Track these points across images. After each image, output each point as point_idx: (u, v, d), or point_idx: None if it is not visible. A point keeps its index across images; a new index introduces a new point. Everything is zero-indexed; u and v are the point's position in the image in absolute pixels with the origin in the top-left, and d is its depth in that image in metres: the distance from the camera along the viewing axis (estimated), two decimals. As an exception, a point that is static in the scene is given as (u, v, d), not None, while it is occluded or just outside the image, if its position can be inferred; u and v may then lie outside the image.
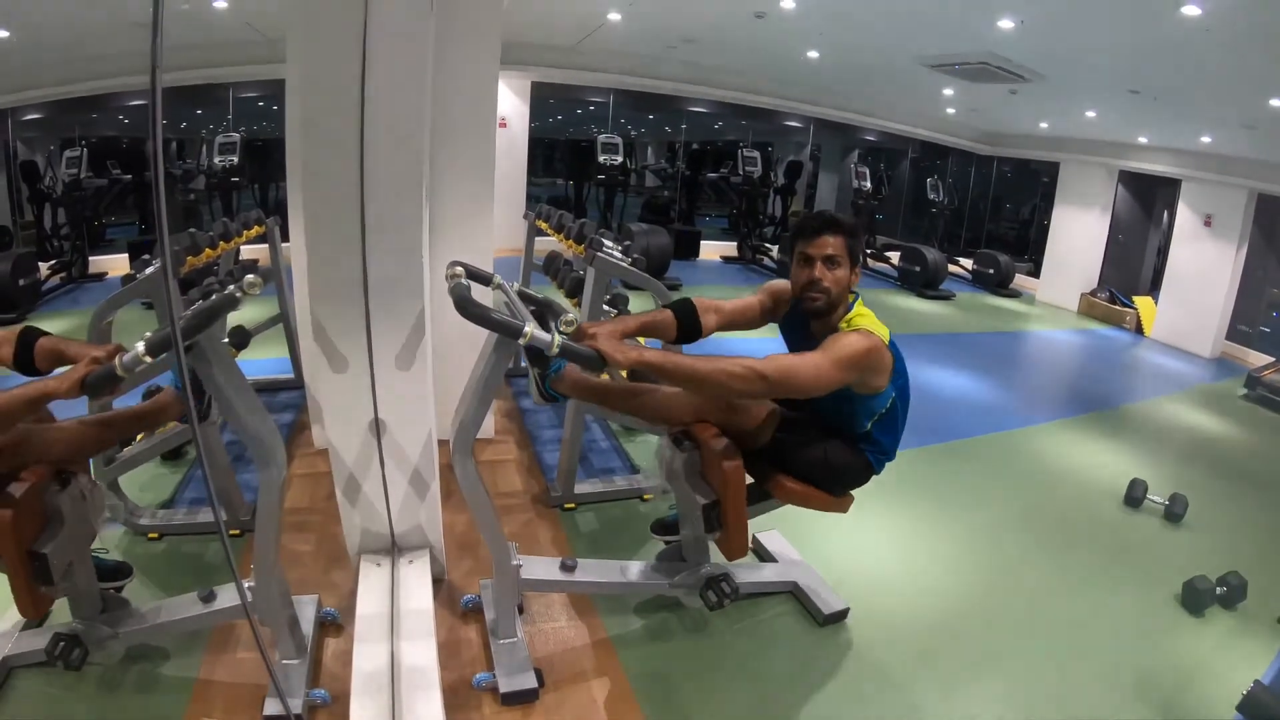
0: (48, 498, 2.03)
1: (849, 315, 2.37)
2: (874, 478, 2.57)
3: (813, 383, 2.15)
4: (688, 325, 2.44)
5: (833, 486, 2.55)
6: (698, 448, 2.46)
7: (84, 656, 2.20)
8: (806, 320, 2.47)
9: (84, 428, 2.20)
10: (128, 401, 3.79)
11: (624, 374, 3.62)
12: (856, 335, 2.23)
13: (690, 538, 2.69)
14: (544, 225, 5.04)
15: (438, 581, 2.88)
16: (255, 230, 4.50)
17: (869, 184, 12.05)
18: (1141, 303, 10.37)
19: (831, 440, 2.51)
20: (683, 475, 2.49)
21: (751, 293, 2.64)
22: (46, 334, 2.08)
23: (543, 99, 11.50)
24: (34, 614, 2.10)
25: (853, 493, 2.65)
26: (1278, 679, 2.72)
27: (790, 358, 2.19)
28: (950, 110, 11.39)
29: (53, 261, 8.08)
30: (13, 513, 1.91)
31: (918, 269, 10.99)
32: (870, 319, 2.34)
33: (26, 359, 2.04)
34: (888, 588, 3.30)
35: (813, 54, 8.72)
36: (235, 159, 9.04)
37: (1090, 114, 9.02)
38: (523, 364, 5.31)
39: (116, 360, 1.77)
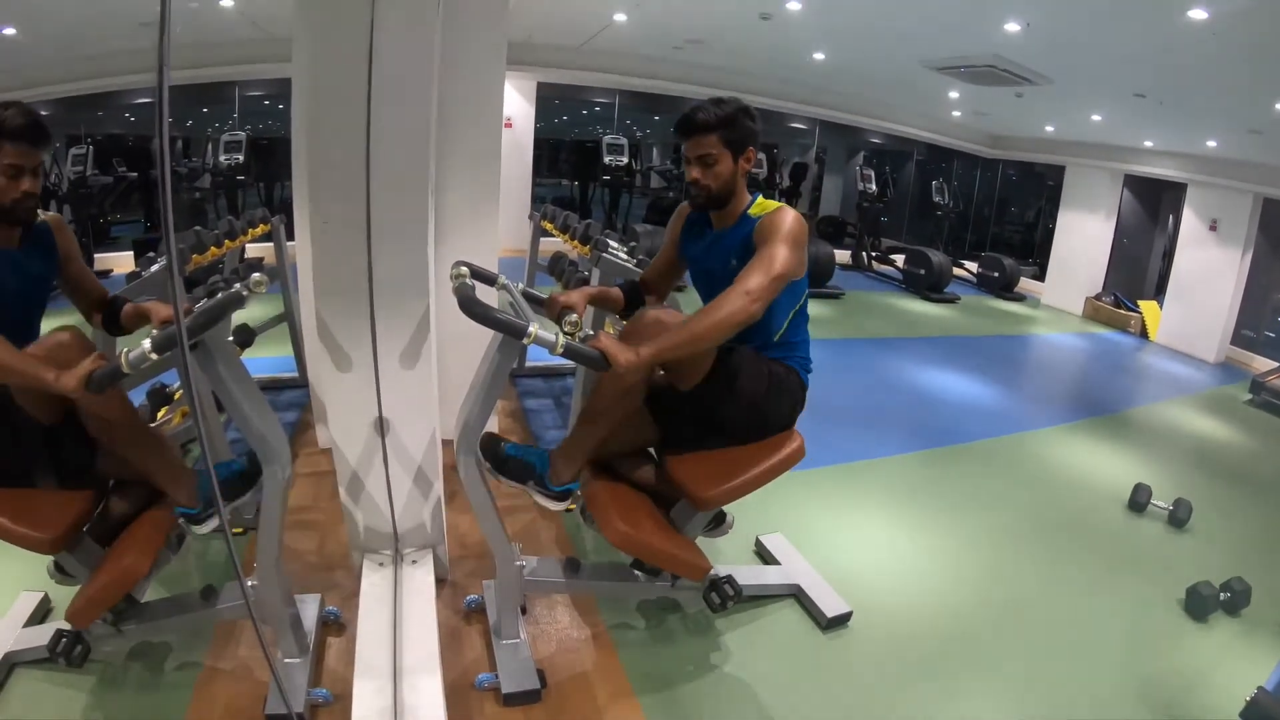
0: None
1: (755, 204, 2.43)
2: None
3: (786, 267, 2.18)
4: (632, 301, 2.71)
5: (769, 418, 2.47)
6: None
7: (86, 654, 2.20)
8: (706, 220, 2.56)
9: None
10: (132, 399, 3.83)
11: None
12: (783, 214, 2.30)
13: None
14: (549, 226, 5.05)
15: (440, 581, 2.88)
16: (260, 229, 4.51)
17: (874, 186, 12.04)
18: (1146, 307, 10.35)
19: (739, 380, 2.38)
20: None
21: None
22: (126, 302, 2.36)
23: (548, 100, 11.52)
24: (84, 625, 2.13)
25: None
26: (1281, 685, 2.71)
27: (756, 265, 2.18)
28: (956, 113, 11.38)
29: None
30: (148, 567, 2.11)
31: (922, 272, 10.97)
32: (774, 202, 2.41)
33: (115, 323, 2.34)
34: (891, 591, 3.29)
35: (819, 56, 8.72)
36: (241, 157, 9.07)
37: (1096, 117, 9.01)
38: (528, 364, 5.33)
39: (122, 357, 1.77)
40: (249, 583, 2.25)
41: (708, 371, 2.32)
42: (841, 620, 2.97)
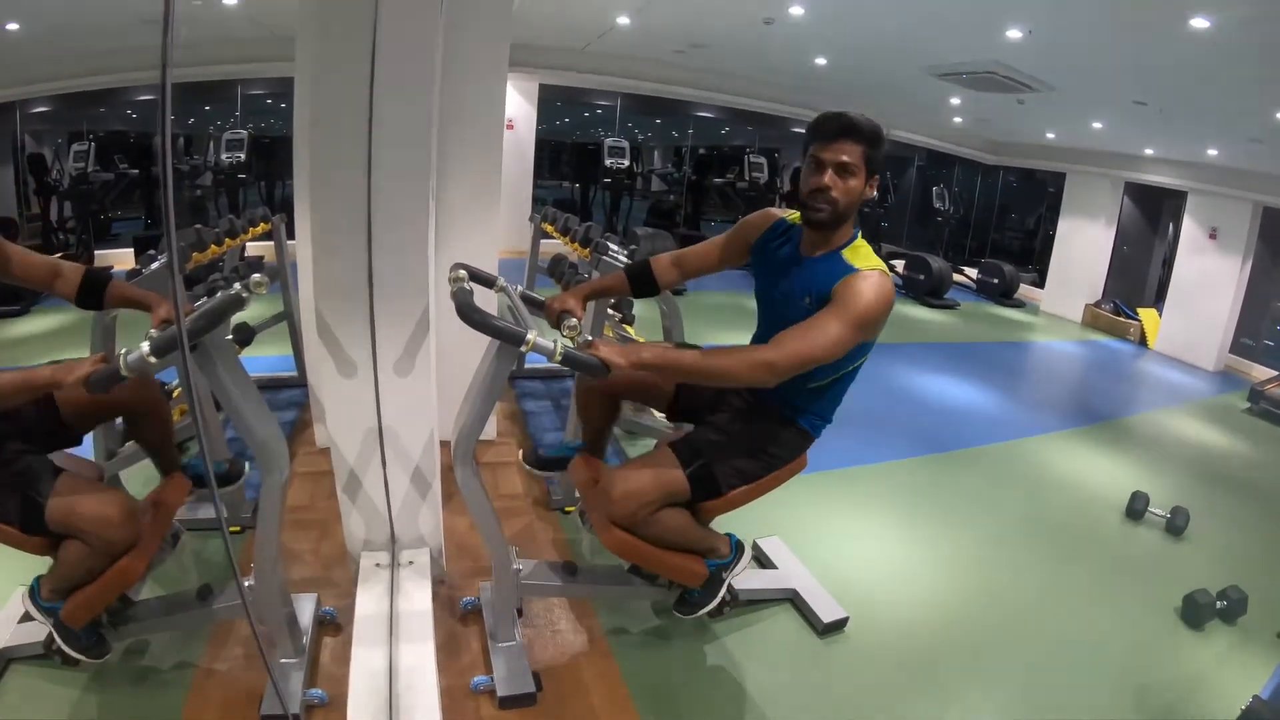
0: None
1: (853, 245, 2.16)
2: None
3: (830, 354, 1.96)
4: (640, 282, 2.53)
5: (767, 470, 2.38)
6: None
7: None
8: (791, 237, 2.30)
9: None
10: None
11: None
12: (873, 284, 2.00)
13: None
14: (549, 228, 5.05)
15: (437, 583, 2.88)
16: (261, 227, 4.51)
17: (875, 192, 12.01)
18: (1146, 315, 10.35)
19: (755, 425, 2.38)
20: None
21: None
22: (113, 278, 2.30)
23: (550, 101, 11.52)
24: (80, 624, 2.13)
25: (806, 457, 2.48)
26: (1276, 694, 2.71)
27: (801, 335, 1.97)
28: (957, 119, 11.38)
29: (58, 255, 8.08)
30: (144, 569, 2.11)
31: (922, 278, 10.98)
32: (874, 257, 2.12)
33: (94, 298, 2.25)
34: (887, 597, 3.29)
35: (820, 61, 8.71)
36: (242, 156, 9.08)
37: (1097, 125, 9.01)
38: (526, 366, 5.33)
39: (121, 359, 1.77)
40: (246, 582, 2.25)
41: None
42: (838, 626, 2.97)
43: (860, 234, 2.21)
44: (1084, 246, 11.32)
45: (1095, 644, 3.13)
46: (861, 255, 2.12)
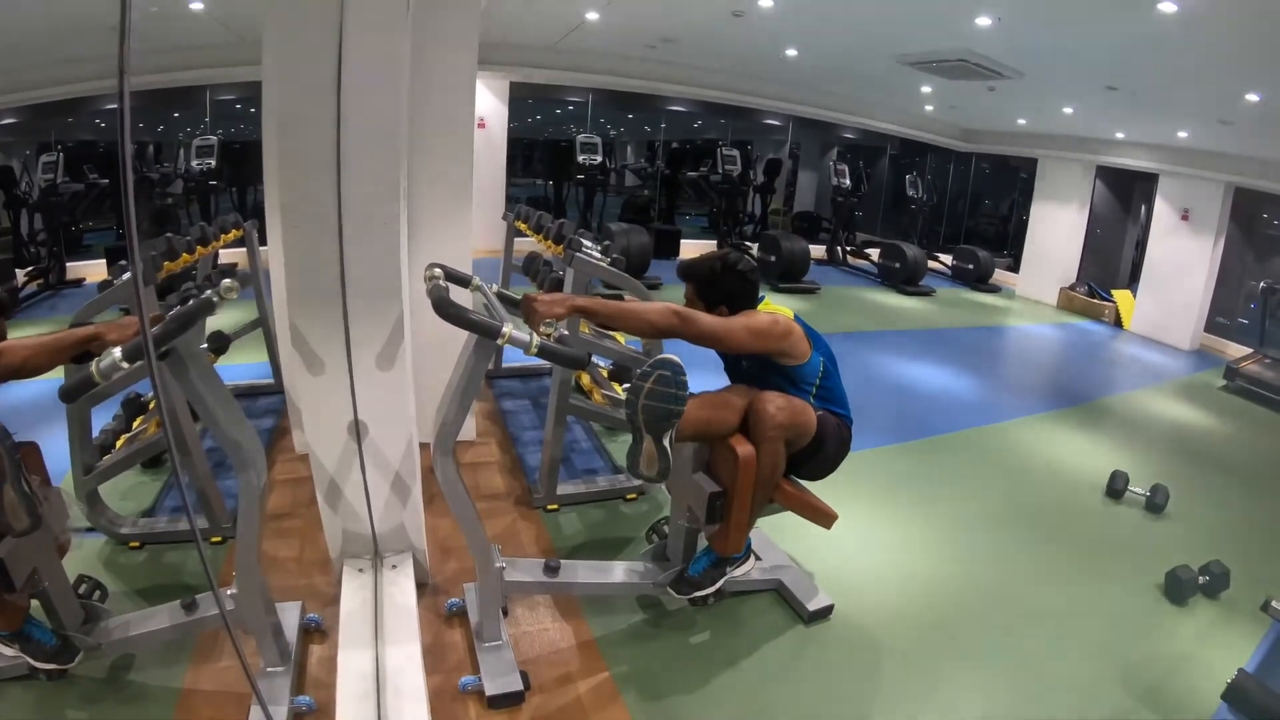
0: None
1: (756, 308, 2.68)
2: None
3: (718, 332, 2.46)
4: None
5: (822, 463, 2.76)
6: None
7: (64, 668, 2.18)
8: None
9: None
10: (110, 409, 3.79)
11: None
12: (757, 314, 2.59)
13: (677, 533, 2.72)
14: (523, 226, 5.02)
15: (421, 585, 2.86)
16: (233, 234, 4.46)
17: (848, 181, 12.08)
18: (1120, 296, 10.45)
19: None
20: (689, 466, 2.61)
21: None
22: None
23: (521, 99, 11.47)
24: (3, 624, 2.08)
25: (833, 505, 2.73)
26: (1262, 667, 2.74)
27: (708, 315, 2.50)
28: (929, 107, 11.44)
29: (30, 268, 7.98)
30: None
31: (897, 265, 11.04)
32: (771, 305, 2.70)
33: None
34: (871, 584, 3.30)
35: (791, 52, 8.74)
36: (213, 162, 8.97)
37: (1068, 110, 9.09)
38: (504, 365, 5.32)
39: (93, 367, 1.75)
40: (229, 592, 2.23)
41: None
42: (824, 613, 2.98)
43: (765, 297, 2.74)
44: (1057, 230, 11.42)
45: (1079, 623, 3.16)
46: (759, 309, 2.67)
